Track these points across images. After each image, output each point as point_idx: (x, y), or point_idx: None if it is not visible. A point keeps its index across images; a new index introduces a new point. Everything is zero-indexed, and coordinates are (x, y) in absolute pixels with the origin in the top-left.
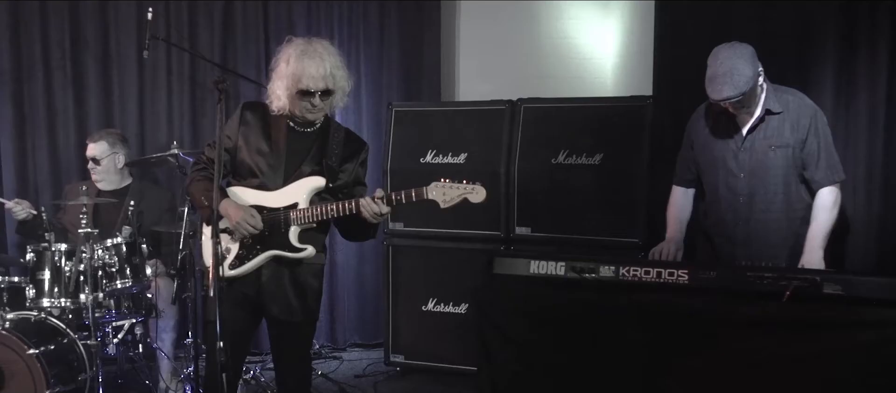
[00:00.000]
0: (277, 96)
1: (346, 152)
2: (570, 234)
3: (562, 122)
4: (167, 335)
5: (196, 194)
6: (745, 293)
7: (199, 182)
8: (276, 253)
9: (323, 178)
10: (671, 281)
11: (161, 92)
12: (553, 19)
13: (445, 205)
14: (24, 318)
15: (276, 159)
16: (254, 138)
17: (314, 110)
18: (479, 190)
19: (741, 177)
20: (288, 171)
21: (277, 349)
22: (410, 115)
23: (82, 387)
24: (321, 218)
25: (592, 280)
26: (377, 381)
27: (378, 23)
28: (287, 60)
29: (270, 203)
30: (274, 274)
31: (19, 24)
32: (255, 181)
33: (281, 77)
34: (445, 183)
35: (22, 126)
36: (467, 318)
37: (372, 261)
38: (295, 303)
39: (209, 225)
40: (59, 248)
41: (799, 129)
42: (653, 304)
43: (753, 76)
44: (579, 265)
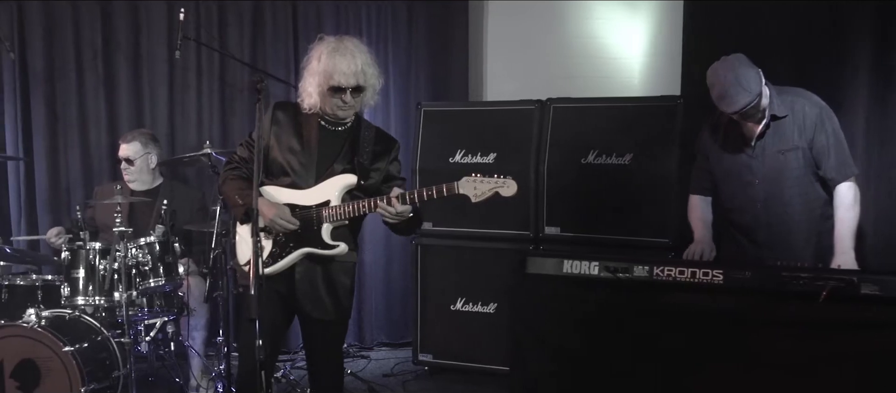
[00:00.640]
0: (309, 94)
1: (376, 150)
2: (600, 234)
3: (592, 122)
4: (198, 333)
5: (230, 193)
6: (781, 293)
7: (233, 181)
8: (310, 250)
9: (354, 175)
10: (705, 281)
11: (191, 92)
12: (581, 19)
13: (477, 199)
14: (58, 315)
15: (307, 158)
16: (285, 137)
17: (345, 107)
18: (510, 183)
19: (756, 184)
20: (320, 170)
21: (310, 347)
22: (439, 114)
23: (115, 384)
24: (353, 215)
25: (626, 280)
26: (406, 380)
27: (406, 23)
28: (318, 57)
29: (303, 201)
30: (307, 272)
31: (52, 26)
32: (287, 180)
33: (312, 74)
34: (476, 177)
35: (54, 126)
36: (496, 317)
37: (399, 260)
38: (328, 301)
39: (243, 223)
40: (94, 246)
41: (806, 130)
42: (687, 304)
43: (758, 81)
44: (613, 265)
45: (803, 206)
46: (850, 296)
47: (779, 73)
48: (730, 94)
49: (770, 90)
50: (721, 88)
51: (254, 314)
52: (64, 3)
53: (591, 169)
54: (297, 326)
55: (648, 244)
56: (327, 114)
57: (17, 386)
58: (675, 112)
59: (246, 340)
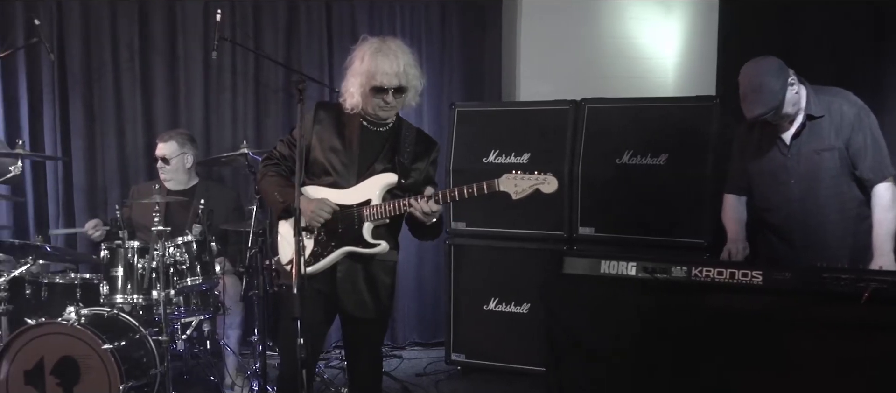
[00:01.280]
0: (351, 94)
1: (417, 150)
2: (635, 234)
3: (626, 122)
4: (233, 332)
5: (268, 190)
6: (821, 294)
7: (272, 178)
8: (351, 249)
9: (395, 174)
10: (745, 282)
11: (226, 92)
12: (614, 19)
13: (517, 196)
14: (97, 313)
15: (349, 157)
16: (327, 136)
17: (386, 108)
18: (551, 180)
19: (791, 183)
20: (361, 169)
21: (350, 346)
22: (473, 114)
23: (152, 382)
24: (394, 213)
25: (664, 280)
26: (438, 380)
27: (439, 23)
28: (361, 58)
29: (344, 200)
30: (348, 271)
31: (90, 26)
32: (329, 179)
33: (355, 74)
34: (516, 174)
35: (92, 125)
36: (529, 317)
37: (431, 260)
38: (368, 300)
39: (282, 220)
40: (133, 245)
41: (843, 130)
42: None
43: (781, 89)
44: (651, 265)
45: (839, 206)
46: (892, 297)
47: (818, 74)
48: (748, 100)
49: (807, 90)
50: (743, 91)
51: (297, 313)
52: (102, 3)
53: (626, 169)
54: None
55: (683, 245)
56: (369, 114)
57: (57, 383)
58: (711, 112)
59: (288, 338)
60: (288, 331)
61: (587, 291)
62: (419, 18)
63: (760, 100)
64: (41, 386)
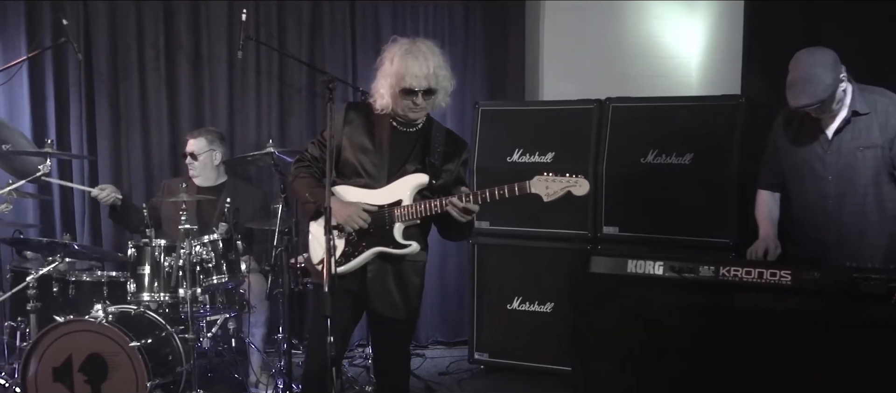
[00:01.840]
0: (381, 94)
1: (447, 151)
2: (659, 234)
3: (651, 122)
4: (258, 330)
5: (300, 191)
6: (851, 294)
7: (304, 179)
8: (382, 249)
9: (426, 175)
10: (773, 281)
11: (250, 92)
12: (637, 18)
13: (549, 199)
14: (124, 311)
15: (379, 158)
16: (357, 137)
17: (416, 109)
18: (583, 182)
19: (829, 179)
20: (391, 170)
21: (378, 345)
22: (497, 114)
23: (179, 379)
24: (425, 214)
25: (692, 280)
26: (461, 378)
27: (463, 23)
28: (391, 59)
29: (375, 201)
30: (378, 271)
31: (116, 26)
32: (360, 180)
33: (385, 75)
34: (548, 176)
35: (117, 125)
36: (553, 316)
37: (454, 259)
38: (398, 300)
39: (314, 220)
40: (159, 243)
41: (888, 129)
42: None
43: (832, 83)
44: (678, 265)
45: (877, 205)
46: None
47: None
48: (795, 89)
49: (852, 87)
50: (791, 79)
51: (327, 312)
52: (128, 3)
53: (651, 168)
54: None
55: (708, 244)
56: (399, 115)
57: (85, 380)
58: (737, 111)
59: (316, 337)
60: (317, 329)
61: (614, 290)
62: (442, 18)
63: (808, 90)
64: (69, 383)
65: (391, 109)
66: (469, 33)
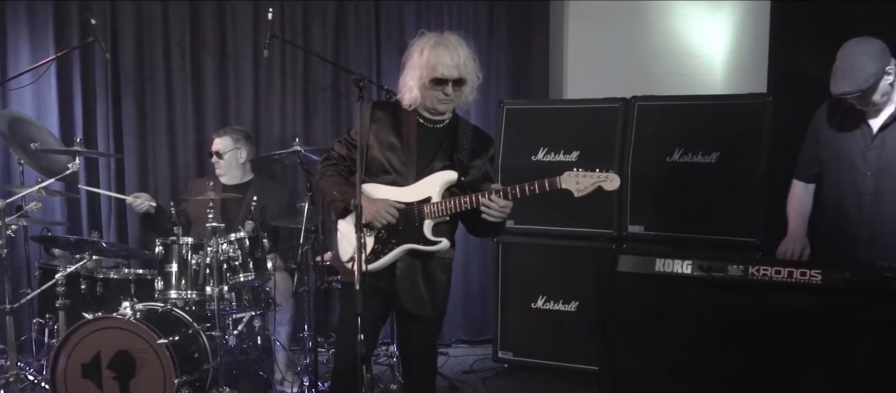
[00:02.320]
0: (409, 87)
1: (474, 147)
2: (685, 233)
3: (677, 120)
4: (283, 328)
5: (328, 189)
6: (882, 294)
7: (331, 177)
8: (412, 247)
9: (455, 172)
10: (803, 281)
11: (275, 90)
12: (662, 17)
13: (579, 194)
14: (151, 309)
15: (407, 155)
16: (385, 135)
17: (446, 101)
18: (613, 177)
19: (868, 175)
20: (419, 167)
21: (406, 343)
22: (522, 112)
23: (205, 377)
24: (455, 211)
25: (721, 279)
26: (486, 377)
27: (487, 22)
28: (421, 51)
29: (404, 198)
30: (407, 268)
31: (142, 26)
32: (388, 178)
33: (413, 68)
34: (578, 172)
35: (143, 124)
36: (578, 315)
37: (478, 258)
38: (426, 297)
39: (342, 219)
40: (187, 241)
41: None
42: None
43: (875, 73)
44: (707, 264)
45: None
46: None
47: None
48: (837, 76)
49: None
50: (835, 66)
51: (358, 309)
52: (154, 3)
53: (677, 167)
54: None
55: (735, 244)
56: (427, 108)
57: (113, 377)
58: (764, 110)
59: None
60: (346, 327)
61: (642, 289)
62: (467, 18)
63: (850, 78)
64: (98, 380)
65: (419, 103)
66: (493, 32)
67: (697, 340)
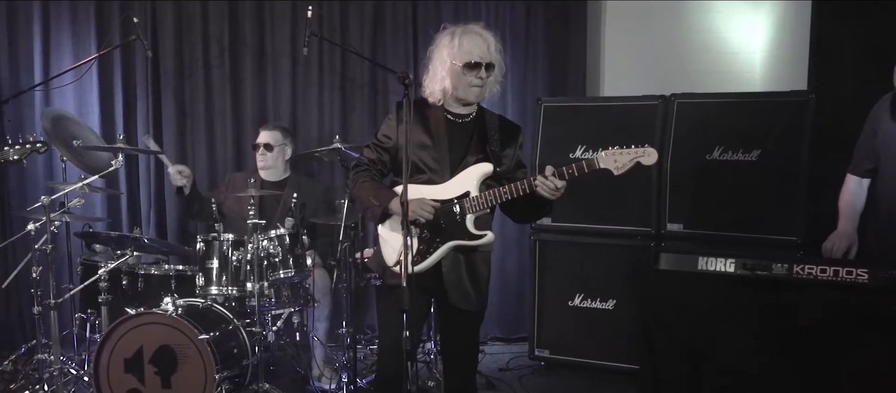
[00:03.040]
0: (441, 77)
1: (504, 137)
2: (724, 231)
3: (717, 118)
4: (321, 324)
5: (364, 196)
6: None
7: (365, 183)
8: (458, 243)
9: (490, 164)
10: (849, 280)
11: (313, 89)
12: (700, 13)
13: (618, 171)
14: (192, 304)
15: (439, 152)
16: (414, 134)
17: (478, 84)
18: (651, 151)
19: None
20: (453, 163)
21: (450, 337)
22: (560, 110)
23: (245, 372)
24: (495, 202)
25: (765, 278)
26: (522, 374)
27: (524, 21)
28: (451, 38)
29: (442, 195)
30: (452, 264)
31: (182, 24)
32: (423, 177)
33: (442, 60)
34: (615, 150)
35: (183, 122)
36: (616, 314)
37: (514, 255)
38: (472, 291)
39: (381, 224)
40: (228, 238)
41: None
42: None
43: None
44: (751, 262)
45: None
46: None
47: None
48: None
49: None
50: None
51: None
52: (194, 2)
53: (717, 165)
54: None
55: (775, 242)
56: (458, 98)
57: (155, 371)
58: (806, 107)
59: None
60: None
61: (683, 287)
62: (505, 16)
63: None
64: (140, 374)
65: (450, 95)
66: (530, 31)
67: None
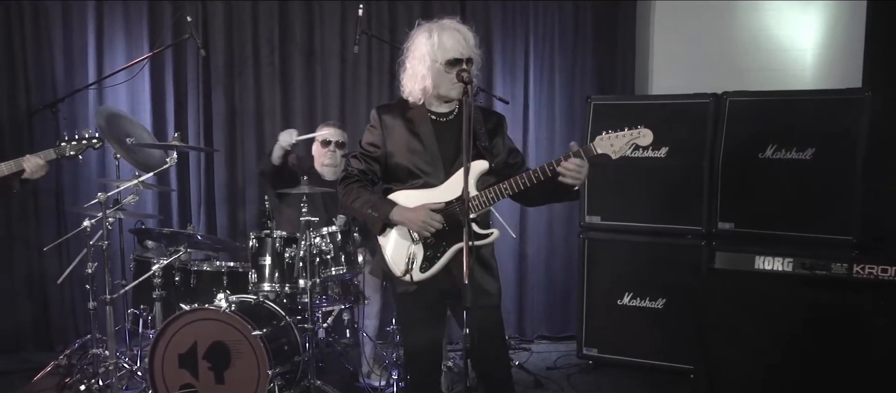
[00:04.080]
0: (422, 77)
1: (490, 128)
2: (777, 230)
3: (770, 116)
4: (371, 321)
5: (361, 208)
6: None
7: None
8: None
9: (484, 161)
10: None
11: (361, 86)
12: (751, 11)
13: (616, 155)
14: (244, 301)
15: (430, 155)
16: (402, 140)
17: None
18: (646, 132)
19: None
20: (446, 164)
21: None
22: (609, 108)
23: (296, 369)
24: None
25: (824, 277)
26: (570, 373)
27: (572, 20)
28: (428, 37)
29: (441, 198)
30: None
31: (232, 23)
32: (418, 181)
33: (422, 58)
34: (610, 134)
35: (232, 120)
36: (665, 313)
37: (561, 254)
38: (486, 286)
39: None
40: (281, 235)
41: None
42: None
43: None
44: (809, 261)
45: None
46: None
47: None
48: None
49: None
50: None
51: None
52: (244, 2)
53: (770, 164)
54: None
55: (829, 241)
56: (440, 96)
57: (208, 367)
58: (862, 105)
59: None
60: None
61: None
62: (553, 16)
63: None
64: (194, 370)
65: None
66: (578, 30)
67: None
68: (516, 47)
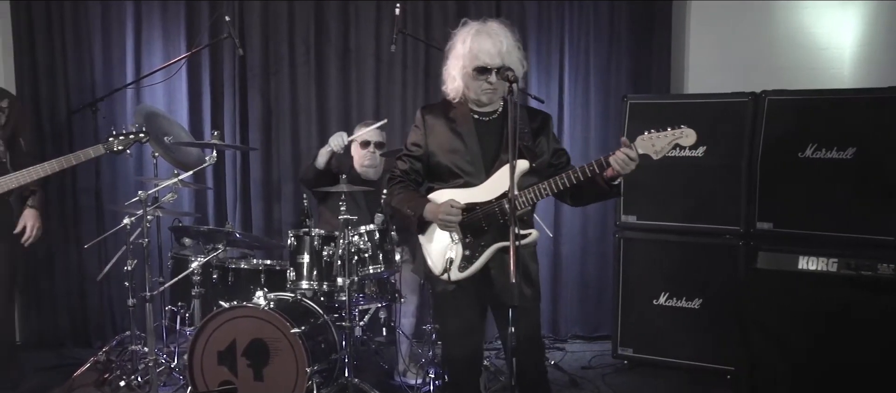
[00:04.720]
0: (452, 77)
1: (534, 127)
2: (817, 230)
3: (810, 115)
4: (407, 320)
5: (400, 209)
6: None
7: (399, 196)
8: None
9: (526, 160)
10: None
11: (396, 86)
12: (787, 10)
13: (658, 155)
14: (282, 298)
15: (471, 155)
16: (444, 139)
17: (490, 90)
18: (689, 132)
19: None
20: (487, 163)
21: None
22: (646, 107)
23: (333, 367)
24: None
25: (869, 278)
26: (605, 373)
27: (607, 19)
28: (463, 40)
29: (481, 198)
30: (500, 264)
31: (268, 22)
32: (459, 181)
33: (457, 57)
34: (652, 134)
35: (268, 119)
36: (702, 313)
37: (595, 253)
38: (525, 288)
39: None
40: (319, 233)
41: None
42: None
43: None
44: (855, 262)
45: None
46: None
47: None
48: None
49: None
50: None
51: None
52: (281, 2)
53: (809, 163)
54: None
55: (872, 242)
56: (471, 100)
57: (247, 364)
58: None
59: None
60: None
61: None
62: (588, 15)
63: None
64: (233, 367)
65: (464, 95)
66: (613, 29)
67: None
68: (551, 46)
